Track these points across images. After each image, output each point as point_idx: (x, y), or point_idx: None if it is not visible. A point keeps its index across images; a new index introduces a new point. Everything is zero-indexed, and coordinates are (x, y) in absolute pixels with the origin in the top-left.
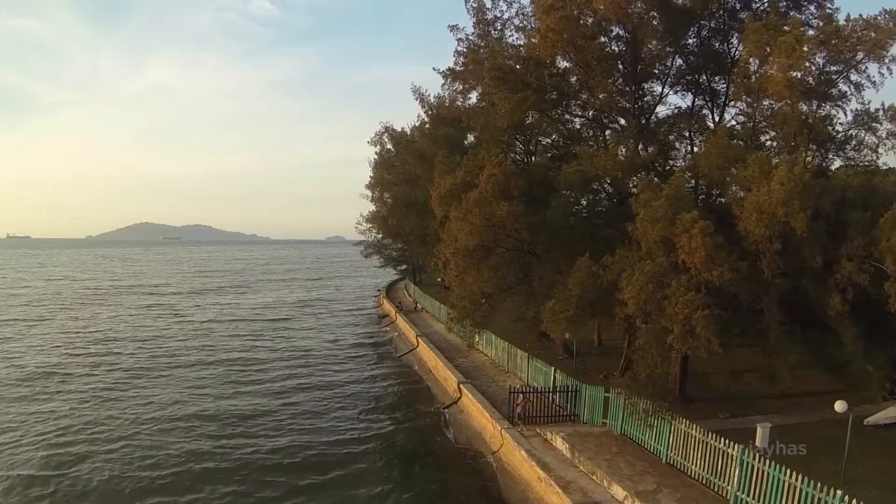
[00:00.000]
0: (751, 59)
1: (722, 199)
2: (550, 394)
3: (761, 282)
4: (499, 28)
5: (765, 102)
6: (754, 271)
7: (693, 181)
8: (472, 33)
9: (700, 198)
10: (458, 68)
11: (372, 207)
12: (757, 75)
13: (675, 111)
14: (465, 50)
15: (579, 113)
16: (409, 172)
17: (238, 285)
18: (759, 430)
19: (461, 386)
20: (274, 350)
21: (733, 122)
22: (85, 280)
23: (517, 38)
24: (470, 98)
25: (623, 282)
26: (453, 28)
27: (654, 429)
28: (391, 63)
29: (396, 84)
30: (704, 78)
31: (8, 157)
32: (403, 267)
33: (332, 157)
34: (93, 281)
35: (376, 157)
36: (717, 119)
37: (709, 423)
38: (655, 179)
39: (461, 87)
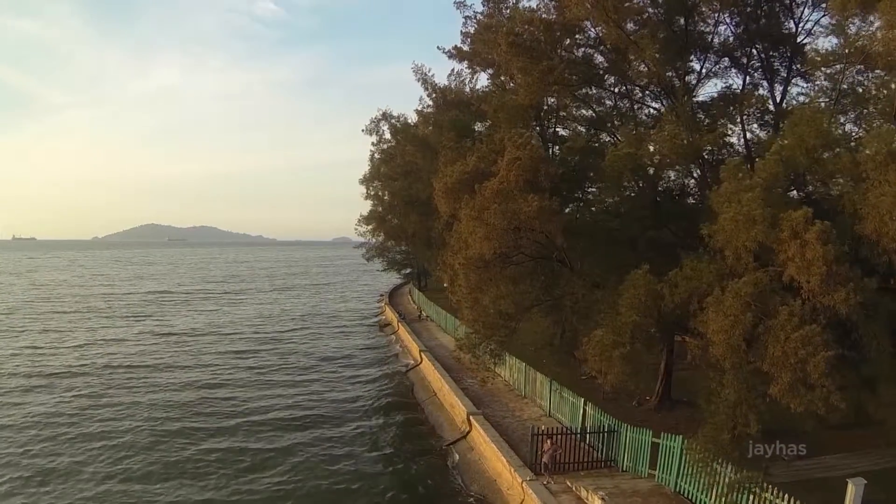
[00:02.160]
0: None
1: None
2: (584, 434)
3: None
4: (511, 3)
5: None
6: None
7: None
8: (482, 11)
9: None
10: (465, 48)
11: (370, 205)
12: (847, 38)
13: (725, 90)
14: (471, 31)
15: (612, 92)
16: (410, 164)
17: (237, 292)
18: (850, 487)
19: (471, 418)
20: (262, 386)
21: (794, 103)
22: (74, 286)
23: None
24: (478, 80)
25: (707, 308)
26: (460, 5)
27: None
28: (397, 62)
29: (403, 84)
30: (760, 50)
31: (14, 158)
32: (407, 271)
33: (339, 157)
34: (82, 287)
35: (373, 147)
36: (778, 99)
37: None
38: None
39: (468, 67)
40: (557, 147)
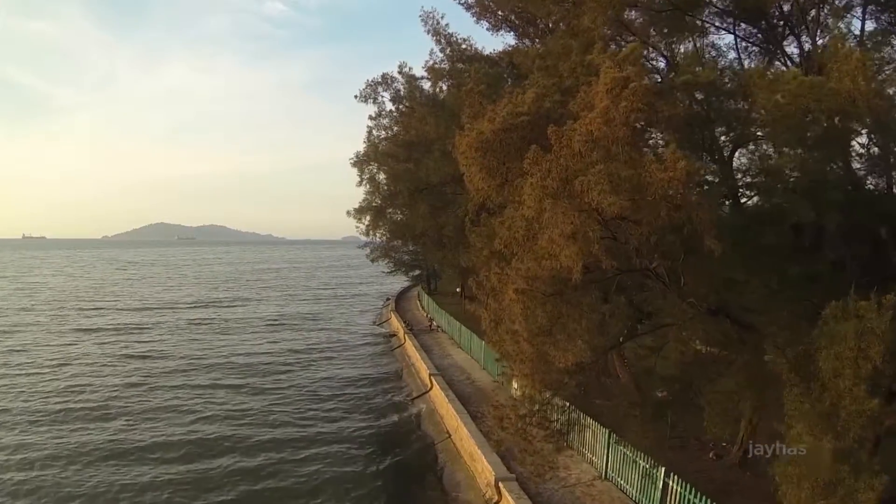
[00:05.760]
0: None
1: None
2: None
3: None
4: None
5: None
6: None
7: None
8: None
9: None
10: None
11: (363, 192)
12: None
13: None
14: None
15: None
16: (419, 134)
17: (234, 300)
18: None
19: (501, 486)
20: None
21: None
22: (55, 290)
23: None
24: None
25: None
26: None
27: None
28: (406, 61)
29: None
30: None
31: (26, 158)
32: (416, 272)
33: (348, 155)
34: (61, 292)
35: (371, 123)
36: None
37: None
38: None
39: (491, 26)
40: None
